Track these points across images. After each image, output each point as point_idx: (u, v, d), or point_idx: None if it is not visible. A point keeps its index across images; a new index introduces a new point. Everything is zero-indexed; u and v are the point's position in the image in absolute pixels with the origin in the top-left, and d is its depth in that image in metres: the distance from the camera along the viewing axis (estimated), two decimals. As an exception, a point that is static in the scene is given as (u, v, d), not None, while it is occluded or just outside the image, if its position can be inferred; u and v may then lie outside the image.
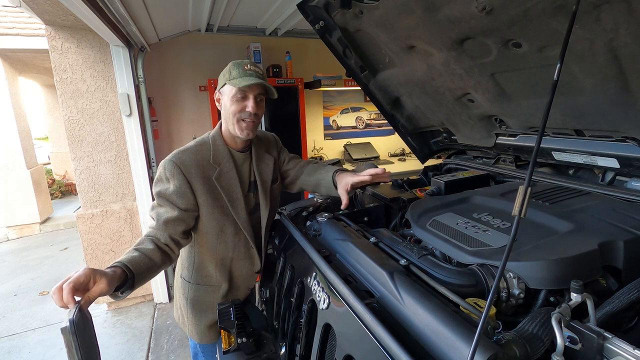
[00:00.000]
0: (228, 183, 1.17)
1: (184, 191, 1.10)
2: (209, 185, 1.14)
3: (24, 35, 4.11)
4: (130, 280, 0.94)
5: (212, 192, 1.15)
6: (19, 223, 4.90)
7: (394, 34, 1.24)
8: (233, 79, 1.11)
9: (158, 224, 1.09)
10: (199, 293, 1.26)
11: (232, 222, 1.19)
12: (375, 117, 4.07)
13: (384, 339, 0.63)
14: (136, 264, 0.97)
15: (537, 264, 0.73)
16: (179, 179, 1.09)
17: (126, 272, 0.92)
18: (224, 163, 1.18)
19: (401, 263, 0.86)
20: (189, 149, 1.16)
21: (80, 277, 0.79)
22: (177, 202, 1.10)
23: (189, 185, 1.11)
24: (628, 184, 1.14)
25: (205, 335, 1.27)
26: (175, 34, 2.60)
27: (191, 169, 1.11)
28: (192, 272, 1.26)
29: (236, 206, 1.19)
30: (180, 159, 1.11)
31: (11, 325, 2.83)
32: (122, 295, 0.95)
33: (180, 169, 1.09)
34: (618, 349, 0.53)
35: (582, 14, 0.78)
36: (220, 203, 1.16)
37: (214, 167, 1.16)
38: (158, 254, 1.05)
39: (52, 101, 6.58)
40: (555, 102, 1.06)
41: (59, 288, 0.76)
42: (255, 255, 1.28)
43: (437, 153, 1.94)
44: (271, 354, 1.09)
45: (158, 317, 2.82)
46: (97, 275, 0.82)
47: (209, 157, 1.16)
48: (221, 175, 1.16)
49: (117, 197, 2.79)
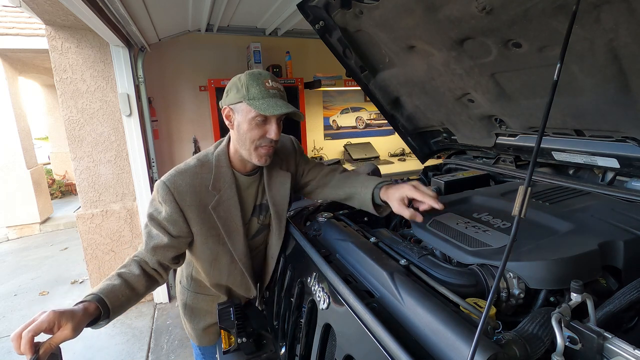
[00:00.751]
0: (227, 212, 1.06)
1: (176, 219, 1.00)
2: (205, 214, 1.03)
3: (24, 35, 4.11)
4: (105, 314, 0.87)
5: (208, 222, 1.04)
6: (19, 223, 4.90)
7: (394, 34, 1.24)
8: (253, 100, 0.95)
9: (147, 248, 1.01)
10: (197, 301, 1.26)
11: (227, 251, 1.10)
12: (375, 117, 4.07)
13: (384, 339, 0.63)
14: (114, 296, 0.89)
15: (537, 264, 0.73)
16: (171, 207, 0.99)
17: (100, 308, 0.85)
18: (224, 189, 1.05)
19: (401, 263, 0.86)
20: (187, 170, 1.03)
21: (43, 324, 0.73)
22: (168, 228, 1.01)
23: (182, 213, 1.00)
24: (628, 184, 1.14)
25: (204, 337, 1.28)
26: (175, 34, 2.60)
27: (186, 196, 1.00)
28: (190, 282, 1.26)
29: (233, 237, 1.08)
30: (176, 183, 1.00)
31: (11, 325, 2.83)
32: (101, 324, 0.88)
33: (173, 195, 0.99)
34: (618, 349, 0.53)
35: (582, 14, 0.78)
36: (215, 232, 1.06)
37: (213, 194, 1.04)
38: (143, 281, 0.98)
39: (52, 101, 6.58)
40: (555, 102, 1.06)
41: (17, 335, 0.71)
42: (251, 285, 1.20)
43: (437, 153, 1.94)
44: (271, 354, 1.09)
45: (158, 317, 2.82)
46: (62, 320, 0.75)
47: (209, 182, 1.04)
48: (220, 204, 1.05)
49: (117, 197, 2.80)
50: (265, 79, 0.97)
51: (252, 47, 3.01)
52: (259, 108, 0.94)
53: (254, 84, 0.96)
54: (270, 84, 0.97)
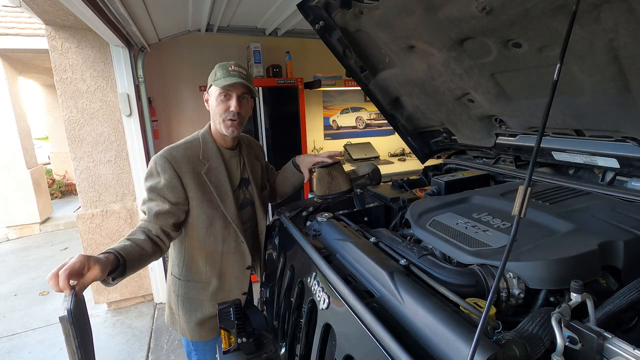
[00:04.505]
0: (217, 178, 1.22)
1: (175, 185, 1.15)
2: (199, 179, 1.19)
3: (24, 35, 4.11)
4: (122, 267, 0.98)
5: (202, 187, 1.19)
6: (19, 223, 4.90)
7: (394, 34, 1.24)
8: (217, 80, 1.16)
9: (149, 217, 1.15)
10: (189, 289, 1.28)
11: (221, 215, 1.23)
12: (375, 117, 4.07)
13: (384, 339, 0.63)
14: (128, 252, 1.02)
15: (537, 264, 0.73)
16: (169, 173, 1.14)
17: (118, 258, 0.97)
18: (212, 159, 1.23)
19: (401, 263, 0.86)
20: (179, 145, 1.21)
21: (76, 264, 0.83)
22: (168, 195, 1.15)
23: (180, 179, 1.15)
24: (628, 184, 1.14)
25: (196, 332, 1.29)
26: (175, 34, 2.60)
27: (181, 163, 1.16)
28: (182, 269, 1.28)
29: (225, 200, 1.23)
30: (171, 154, 1.17)
31: (11, 325, 2.83)
32: (113, 283, 0.99)
33: (171, 163, 1.14)
34: (618, 349, 0.53)
35: (582, 14, 0.78)
36: (209, 197, 1.20)
37: (203, 162, 1.21)
38: (149, 245, 1.11)
39: (52, 101, 6.58)
40: (555, 102, 1.06)
41: (55, 274, 0.81)
42: (246, 250, 1.29)
43: (437, 153, 1.94)
44: (271, 354, 1.09)
45: (158, 317, 2.82)
46: (90, 262, 0.86)
47: (199, 153, 1.21)
48: (210, 170, 1.21)
49: (117, 197, 2.80)
50: (229, 65, 1.18)
51: (252, 47, 3.00)
52: (219, 84, 1.16)
53: (220, 69, 1.18)
54: (233, 67, 1.17)
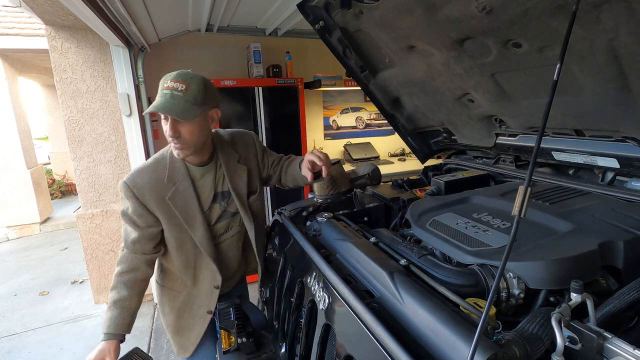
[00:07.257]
0: (183, 202, 1.14)
1: (141, 212, 1.11)
2: (164, 204, 1.12)
3: (24, 35, 4.11)
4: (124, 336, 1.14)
5: (167, 211, 1.13)
6: (19, 223, 4.90)
7: (394, 34, 1.24)
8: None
9: (127, 244, 1.14)
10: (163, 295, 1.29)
11: (190, 238, 1.17)
12: (375, 117, 4.07)
13: (384, 339, 0.63)
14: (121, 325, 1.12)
15: (537, 264, 0.73)
16: (133, 202, 1.10)
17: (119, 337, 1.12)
18: (179, 181, 1.14)
19: (401, 263, 0.86)
20: (145, 168, 1.13)
21: None
22: (137, 221, 1.12)
23: (144, 206, 1.10)
24: (628, 184, 1.14)
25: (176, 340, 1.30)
26: (175, 34, 2.60)
27: (144, 190, 1.10)
28: (159, 273, 1.29)
29: (192, 224, 1.15)
30: (134, 181, 1.10)
31: (11, 325, 2.83)
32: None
33: (132, 192, 1.09)
34: (618, 349, 0.53)
35: (582, 14, 0.78)
36: (176, 221, 1.14)
37: (169, 186, 1.12)
38: (135, 297, 1.15)
39: (52, 101, 6.58)
40: (555, 102, 1.06)
41: None
42: (215, 270, 1.22)
43: (437, 153, 1.94)
44: (271, 354, 1.09)
45: (158, 317, 2.82)
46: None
47: (164, 176, 1.12)
48: (176, 194, 1.13)
49: (117, 197, 2.79)
50: (167, 79, 1.01)
51: (252, 47, 3.00)
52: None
53: (160, 84, 1.02)
54: (168, 84, 1.00)
